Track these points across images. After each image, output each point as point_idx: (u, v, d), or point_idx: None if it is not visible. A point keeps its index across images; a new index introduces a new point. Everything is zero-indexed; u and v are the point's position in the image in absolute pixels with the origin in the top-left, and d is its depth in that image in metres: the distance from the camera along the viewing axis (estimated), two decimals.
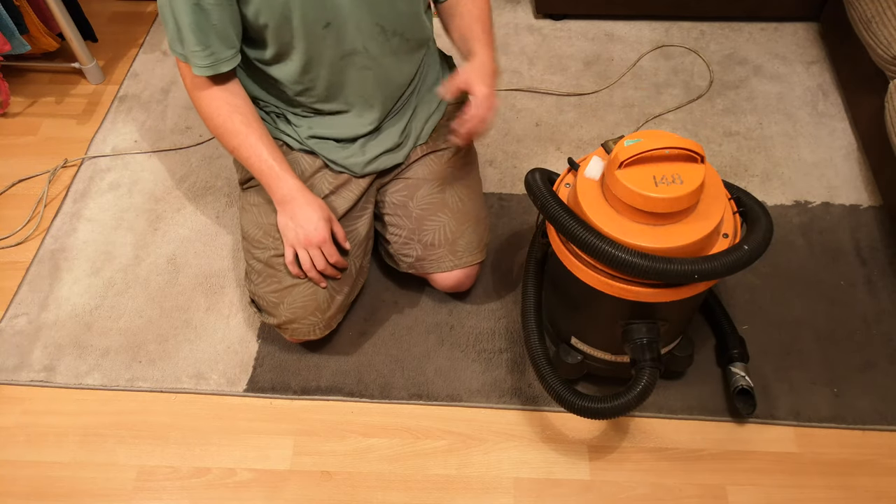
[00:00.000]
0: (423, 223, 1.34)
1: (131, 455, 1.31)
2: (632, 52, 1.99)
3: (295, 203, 1.20)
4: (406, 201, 1.35)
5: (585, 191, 1.03)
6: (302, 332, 1.30)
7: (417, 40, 1.25)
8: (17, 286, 1.55)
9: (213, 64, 1.11)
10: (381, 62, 1.21)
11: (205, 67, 1.11)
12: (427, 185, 1.35)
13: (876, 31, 1.55)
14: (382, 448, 1.30)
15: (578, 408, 1.11)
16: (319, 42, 1.14)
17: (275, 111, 1.29)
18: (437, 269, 1.36)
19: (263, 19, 1.09)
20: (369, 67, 1.20)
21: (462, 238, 1.35)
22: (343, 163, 1.30)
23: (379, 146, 1.31)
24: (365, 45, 1.17)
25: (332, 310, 1.30)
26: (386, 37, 1.18)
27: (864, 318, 1.42)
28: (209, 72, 1.12)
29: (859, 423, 1.29)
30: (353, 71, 1.20)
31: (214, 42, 1.09)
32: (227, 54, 1.12)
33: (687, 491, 1.24)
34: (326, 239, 1.21)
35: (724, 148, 1.75)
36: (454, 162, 1.37)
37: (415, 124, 1.35)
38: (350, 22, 1.13)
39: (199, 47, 1.09)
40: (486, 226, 1.40)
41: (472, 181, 1.40)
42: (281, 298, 1.27)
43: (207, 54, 1.10)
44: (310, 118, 1.28)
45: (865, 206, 1.61)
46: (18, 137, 1.87)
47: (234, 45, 1.13)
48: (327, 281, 1.27)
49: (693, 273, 0.94)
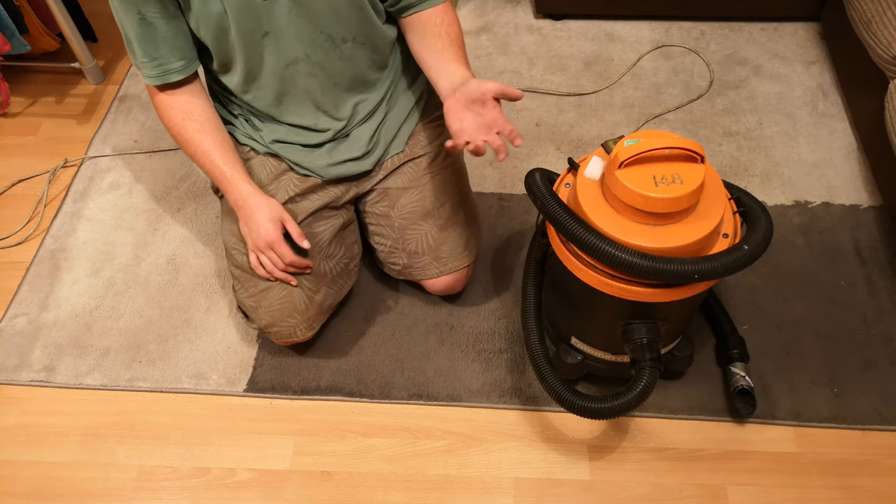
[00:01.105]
0: (405, 233, 1.34)
1: (131, 455, 1.31)
2: (632, 52, 1.99)
3: (246, 207, 1.21)
4: (388, 211, 1.35)
5: (585, 191, 1.03)
6: (284, 334, 1.29)
7: (375, 45, 1.23)
8: (17, 286, 1.55)
9: (161, 74, 1.14)
10: (329, 68, 1.20)
11: (153, 77, 1.15)
12: (407, 193, 1.34)
13: (876, 31, 1.55)
14: (382, 448, 1.30)
15: (578, 408, 1.11)
16: (260, 51, 1.15)
17: (242, 115, 1.30)
18: (424, 276, 1.37)
19: (203, 31, 1.12)
20: (314, 74, 1.19)
21: (445, 244, 1.34)
22: (307, 165, 1.29)
23: (346, 152, 1.30)
24: (307, 53, 1.16)
25: (312, 310, 1.30)
26: (335, 43, 1.17)
27: (864, 318, 1.42)
28: (157, 81, 1.15)
29: (859, 423, 1.29)
30: (300, 78, 1.20)
31: (163, 53, 1.13)
32: (177, 65, 1.15)
33: (687, 491, 1.24)
34: (275, 239, 1.20)
35: (724, 148, 1.75)
36: (433, 168, 1.36)
37: (385, 131, 1.33)
38: (288, 32, 1.13)
39: (146, 58, 1.13)
40: (473, 228, 1.39)
41: (453, 185, 1.37)
42: (258, 302, 1.27)
43: (155, 65, 1.13)
44: (273, 123, 1.28)
45: (865, 206, 1.61)
46: (18, 137, 1.87)
47: (185, 56, 1.15)
48: (301, 280, 1.27)
49: (693, 273, 0.94)
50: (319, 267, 1.29)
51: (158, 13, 1.08)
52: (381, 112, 1.31)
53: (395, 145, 1.34)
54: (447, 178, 1.37)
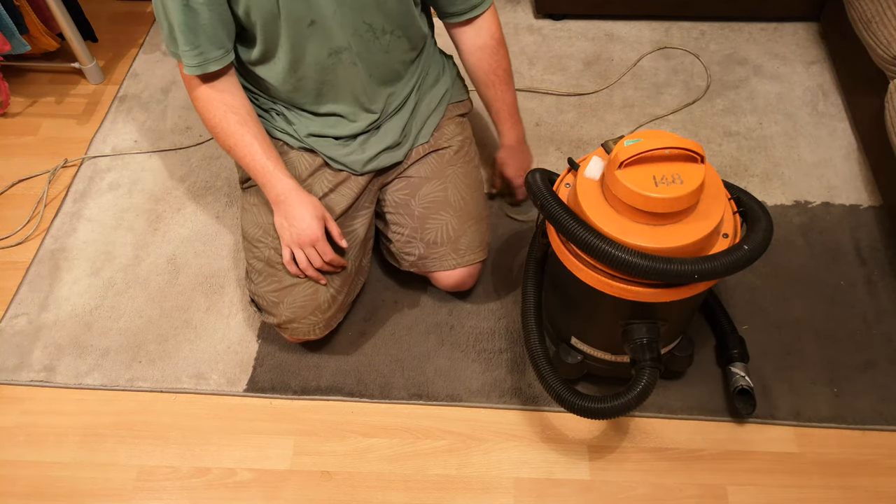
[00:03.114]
0: (425, 222, 1.34)
1: (131, 455, 1.31)
2: (632, 52, 1.99)
3: (288, 202, 1.21)
4: (408, 200, 1.35)
5: (585, 191, 1.03)
6: (302, 331, 1.30)
7: (411, 38, 1.25)
8: (17, 286, 1.55)
9: (202, 63, 1.14)
10: (368, 60, 1.21)
11: (194, 67, 1.14)
12: (429, 183, 1.35)
13: (876, 31, 1.55)
14: (382, 448, 1.30)
15: (579, 408, 1.11)
16: (304, 40, 1.15)
17: (274, 109, 1.30)
18: (440, 267, 1.36)
19: (253, 16, 1.11)
20: (355, 64, 1.20)
21: (464, 236, 1.35)
22: (342, 160, 1.30)
23: (379, 143, 1.31)
24: (350, 42, 1.17)
25: (333, 310, 1.30)
26: (375, 35, 1.19)
27: (864, 318, 1.42)
28: (198, 70, 1.15)
29: (859, 423, 1.29)
30: (340, 69, 1.20)
31: (203, 42, 1.12)
32: (216, 54, 1.14)
33: (687, 491, 1.24)
34: (319, 237, 1.21)
35: (724, 148, 1.75)
36: (456, 160, 1.38)
37: (415, 122, 1.35)
38: (334, 20, 1.14)
39: (189, 46, 1.12)
40: (487, 224, 1.40)
41: (473, 180, 1.39)
42: (281, 298, 1.27)
43: (196, 53, 1.12)
44: (307, 117, 1.28)
45: (865, 206, 1.61)
46: (18, 137, 1.87)
47: (224, 45, 1.15)
48: (327, 279, 1.27)
49: (693, 273, 0.94)
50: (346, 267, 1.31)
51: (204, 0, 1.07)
52: (411, 104, 1.33)
53: (422, 135, 1.36)
54: (469, 172, 1.39)
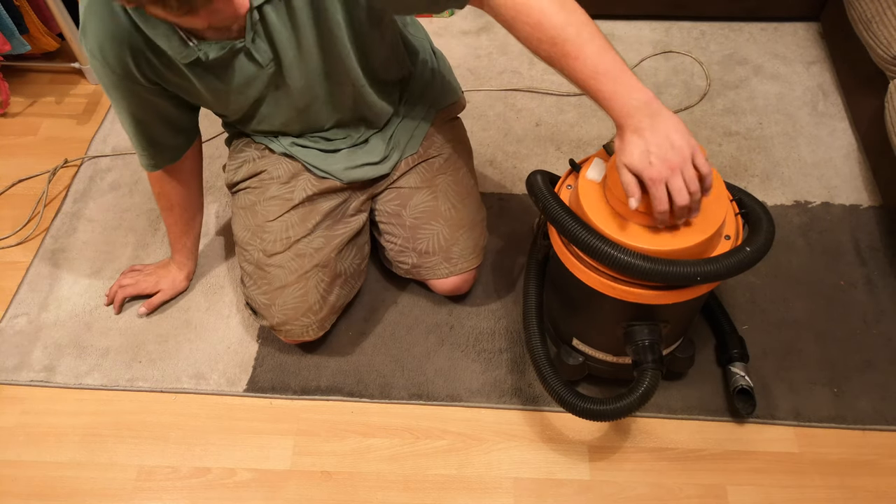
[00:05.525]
0: (416, 232, 1.34)
1: (131, 455, 1.31)
2: (632, 52, 1.99)
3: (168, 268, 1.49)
4: (399, 210, 1.35)
5: (587, 192, 1.03)
6: (295, 333, 1.30)
7: (397, 75, 1.28)
8: (17, 286, 1.55)
9: (154, 164, 1.27)
10: (341, 106, 1.23)
11: (147, 166, 1.27)
12: (419, 193, 1.35)
13: (876, 31, 1.55)
14: (382, 448, 1.30)
15: (581, 410, 1.11)
16: (277, 108, 1.21)
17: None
18: (433, 276, 1.37)
19: (233, 108, 1.20)
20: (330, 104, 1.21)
21: (456, 245, 1.35)
22: (326, 168, 1.30)
23: (366, 156, 1.31)
24: (319, 98, 1.20)
25: (325, 311, 1.31)
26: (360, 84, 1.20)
27: (864, 318, 1.43)
28: (151, 169, 1.28)
29: (859, 423, 1.30)
30: (313, 112, 1.22)
31: (152, 149, 1.24)
32: (168, 156, 1.26)
33: (687, 491, 1.24)
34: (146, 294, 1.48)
35: (724, 148, 1.75)
36: (446, 168, 1.37)
37: (401, 134, 1.34)
38: (321, 98, 1.19)
39: (140, 150, 1.24)
40: (481, 229, 1.40)
41: (464, 187, 1.38)
42: (272, 300, 1.27)
43: (148, 156, 1.25)
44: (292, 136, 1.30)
45: (865, 206, 1.61)
46: (18, 137, 1.87)
47: (179, 146, 1.27)
48: (317, 281, 1.28)
49: (695, 275, 0.94)
50: (335, 268, 1.30)
51: (170, 106, 1.18)
52: (396, 120, 1.33)
53: (410, 147, 1.36)
54: (459, 179, 1.38)
